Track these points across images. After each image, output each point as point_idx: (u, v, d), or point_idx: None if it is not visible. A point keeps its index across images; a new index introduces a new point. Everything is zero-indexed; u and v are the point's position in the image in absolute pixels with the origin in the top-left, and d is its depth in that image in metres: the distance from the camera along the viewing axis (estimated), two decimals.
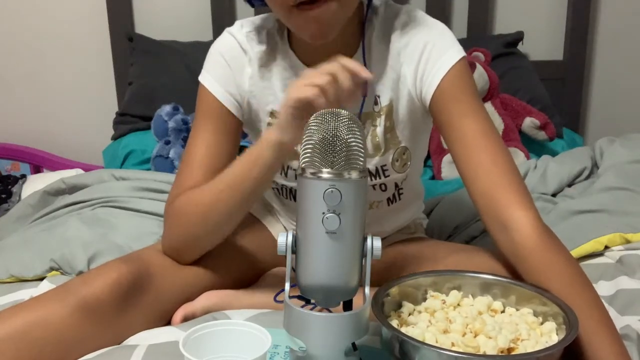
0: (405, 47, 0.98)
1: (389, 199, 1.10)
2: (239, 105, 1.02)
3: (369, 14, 1.00)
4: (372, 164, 1.03)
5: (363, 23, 0.99)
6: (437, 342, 0.76)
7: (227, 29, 1.04)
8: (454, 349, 0.75)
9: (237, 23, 1.04)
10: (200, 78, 1.03)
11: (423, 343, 0.72)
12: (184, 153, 1.03)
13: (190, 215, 0.96)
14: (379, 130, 1.01)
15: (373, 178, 1.05)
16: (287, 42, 1.01)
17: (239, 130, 1.05)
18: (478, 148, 0.92)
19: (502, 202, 0.89)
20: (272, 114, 1.03)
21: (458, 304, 0.85)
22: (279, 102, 1.00)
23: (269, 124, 1.03)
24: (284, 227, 1.18)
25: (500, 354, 0.74)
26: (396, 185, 1.08)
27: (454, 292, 0.86)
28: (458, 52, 0.97)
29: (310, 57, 0.99)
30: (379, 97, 1.00)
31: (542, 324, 0.80)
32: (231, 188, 0.93)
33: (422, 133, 1.07)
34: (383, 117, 1.01)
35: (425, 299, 0.86)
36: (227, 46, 1.03)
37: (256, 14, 2.06)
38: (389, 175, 1.05)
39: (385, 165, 1.04)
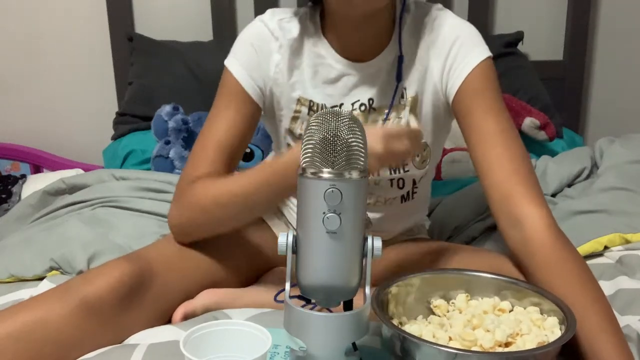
0: (435, 42, 1.01)
1: (403, 196, 1.10)
2: (261, 93, 1.03)
3: (402, 10, 1.03)
4: None
5: (394, 19, 1.02)
6: (434, 337, 0.76)
7: (259, 17, 1.06)
8: (451, 343, 0.75)
9: (269, 11, 1.06)
10: (226, 62, 1.04)
11: (424, 340, 0.72)
12: (201, 132, 1.03)
13: (204, 206, 0.97)
14: (404, 122, 1.03)
15: (392, 172, 1.06)
16: (320, 30, 1.03)
17: (256, 117, 1.06)
18: (496, 144, 0.94)
19: (517, 197, 0.90)
20: (299, 101, 1.04)
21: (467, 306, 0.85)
22: (308, 90, 1.03)
23: (296, 112, 1.04)
24: (286, 226, 1.18)
25: (497, 347, 0.74)
26: (414, 182, 1.10)
27: (461, 297, 0.86)
28: (485, 51, 1.00)
29: (342, 46, 1.02)
30: (405, 89, 1.02)
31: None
32: (246, 198, 0.94)
33: (442, 132, 1.09)
34: (408, 109, 1.03)
35: (429, 302, 0.87)
36: (256, 33, 1.04)
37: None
38: (408, 171, 1.06)
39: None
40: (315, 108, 1.03)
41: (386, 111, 1.02)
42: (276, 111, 1.06)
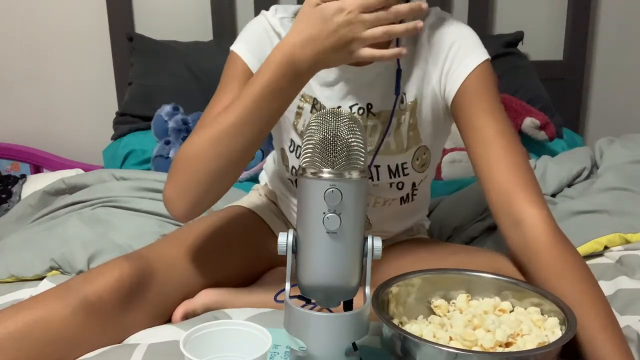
0: (433, 46, 1.00)
1: (402, 198, 1.10)
2: None
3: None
4: (393, 161, 1.04)
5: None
6: (434, 336, 0.76)
7: (263, 12, 1.05)
8: (451, 343, 0.75)
9: (272, 8, 1.05)
10: (232, 47, 1.03)
11: (425, 340, 0.72)
12: (205, 110, 1.00)
13: (198, 152, 0.91)
14: (403, 127, 1.03)
15: (392, 176, 1.06)
16: None
17: None
18: (496, 146, 0.94)
19: (517, 199, 0.91)
20: (302, 97, 1.03)
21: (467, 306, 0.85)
22: (311, 87, 1.02)
23: (299, 108, 1.04)
24: (286, 226, 1.18)
25: (498, 347, 0.74)
26: (413, 184, 1.10)
27: (462, 297, 0.86)
28: (483, 54, 0.99)
29: None
30: (404, 94, 1.02)
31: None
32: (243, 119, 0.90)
33: (442, 135, 1.09)
34: (407, 114, 1.03)
35: (429, 302, 0.87)
36: (262, 24, 1.04)
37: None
38: (408, 174, 1.06)
39: (405, 163, 1.05)
40: (318, 106, 1.03)
41: (386, 117, 1.02)
42: None
